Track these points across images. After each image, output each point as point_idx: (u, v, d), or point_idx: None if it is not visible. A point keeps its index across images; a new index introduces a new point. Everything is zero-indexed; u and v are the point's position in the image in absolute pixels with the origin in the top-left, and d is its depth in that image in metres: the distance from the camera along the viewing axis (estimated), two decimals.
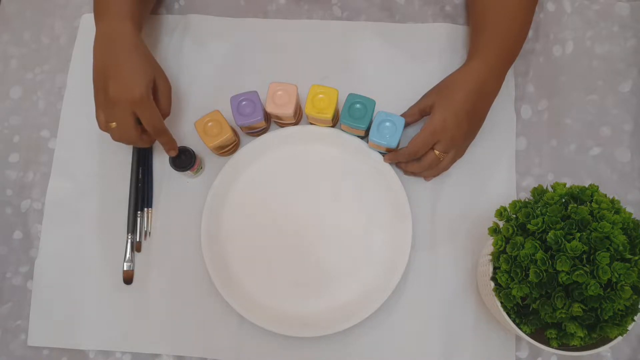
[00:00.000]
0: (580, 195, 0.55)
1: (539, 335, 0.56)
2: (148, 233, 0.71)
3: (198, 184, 0.72)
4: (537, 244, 0.52)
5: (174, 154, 0.69)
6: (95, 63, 0.63)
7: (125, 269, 0.70)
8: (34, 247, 0.72)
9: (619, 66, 0.74)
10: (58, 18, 0.80)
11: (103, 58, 0.63)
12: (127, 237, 0.70)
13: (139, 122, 0.64)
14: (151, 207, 0.72)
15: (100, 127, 0.64)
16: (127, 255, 0.70)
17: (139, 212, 0.71)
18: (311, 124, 0.72)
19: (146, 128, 0.64)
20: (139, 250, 0.71)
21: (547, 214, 0.53)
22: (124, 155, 0.73)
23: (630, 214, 0.54)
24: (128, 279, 0.70)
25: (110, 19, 0.64)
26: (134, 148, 0.73)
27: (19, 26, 0.80)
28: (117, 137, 0.64)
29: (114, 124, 0.63)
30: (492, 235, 0.57)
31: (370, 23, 0.76)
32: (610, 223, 0.51)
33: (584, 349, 0.56)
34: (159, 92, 0.66)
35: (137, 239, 0.71)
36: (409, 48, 0.75)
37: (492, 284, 0.57)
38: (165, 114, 0.67)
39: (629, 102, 0.73)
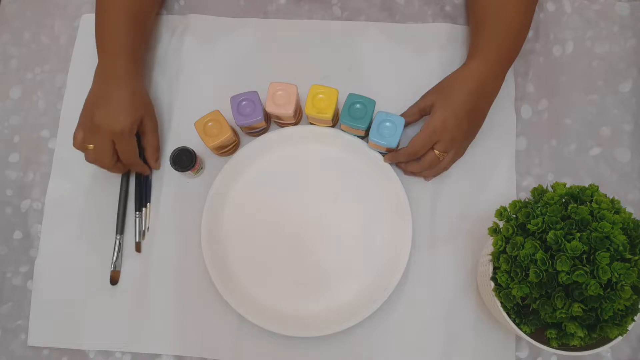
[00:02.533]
0: (580, 195, 0.55)
1: (539, 335, 0.56)
2: (147, 229, 0.71)
3: (198, 184, 0.72)
4: (537, 244, 0.52)
5: (147, 172, 0.72)
6: (92, 88, 0.67)
7: (112, 269, 0.70)
8: (34, 247, 0.72)
9: (619, 66, 0.74)
10: (58, 18, 0.80)
11: (99, 87, 0.67)
12: (116, 238, 0.71)
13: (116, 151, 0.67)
14: (149, 201, 0.72)
15: (75, 144, 0.67)
16: (115, 256, 0.70)
17: (137, 213, 0.71)
18: (311, 124, 0.72)
19: (121, 158, 0.68)
20: (139, 250, 0.71)
21: (547, 214, 0.53)
22: None
23: (630, 214, 0.54)
24: (114, 279, 0.70)
25: (111, 55, 0.67)
26: None
27: (19, 26, 0.80)
28: (92, 159, 0.67)
29: (91, 146, 0.66)
30: (492, 235, 0.57)
31: (370, 23, 0.77)
32: (610, 223, 0.51)
33: (584, 349, 0.56)
34: (147, 131, 0.69)
35: (137, 239, 0.71)
36: (409, 48, 0.75)
37: (492, 284, 0.57)
38: (155, 148, 0.71)
39: (629, 102, 0.73)
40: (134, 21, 0.69)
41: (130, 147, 0.67)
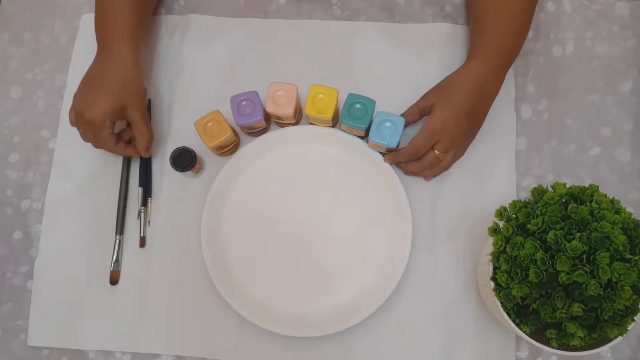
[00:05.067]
0: (580, 195, 0.55)
1: (539, 335, 0.56)
2: (148, 222, 0.71)
3: (198, 184, 0.72)
4: (537, 244, 0.52)
5: (146, 154, 0.70)
6: (87, 70, 0.67)
7: (111, 269, 0.70)
8: (34, 247, 0.72)
9: (619, 66, 0.74)
10: (58, 18, 0.80)
11: (91, 70, 0.67)
12: (116, 238, 0.71)
13: None
14: (150, 196, 0.72)
15: (70, 122, 0.67)
16: (114, 256, 0.70)
17: (142, 207, 0.71)
18: (311, 124, 0.72)
19: (96, 145, 0.68)
20: (143, 245, 0.71)
21: (547, 214, 0.53)
22: None
23: (630, 214, 0.54)
24: (114, 279, 0.70)
25: (107, 41, 0.67)
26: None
27: (19, 26, 0.80)
28: (83, 139, 0.68)
29: (81, 129, 0.67)
30: (492, 235, 0.57)
31: (370, 23, 0.77)
32: (610, 223, 0.51)
33: (584, 349, 0.56)
34: (133, 121, 0.67)
35: (142, 234, 0.71)
36: (409, 48, 0.75)
37: (492, 284, 0.57)
38: (144, 138, 0.68)
39: (629, 102, 0.73)
40: (134, 8, 0.68)
41: (102, 137, 0.66)
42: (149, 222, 0.71)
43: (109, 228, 0.71)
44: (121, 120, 0.67)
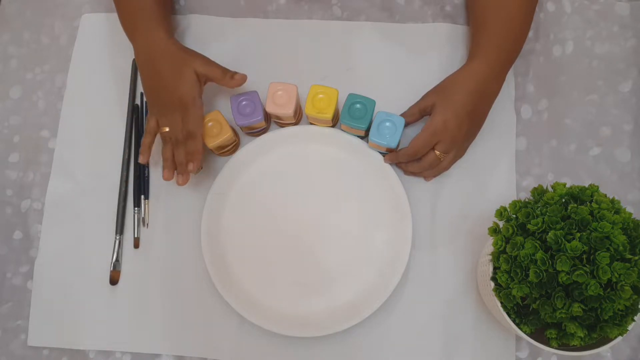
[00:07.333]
0: (580, 195, 0.55)
1: (539, 335, 0.56)
2: (146, 224, 0.71)
3: (198, 184, 0.72)
4: (537, 244, 0.52)
5: (192, 168, 0.66)
6: (143, 79, 0.67)
7: (111, 269, 0.70)
8: (34, 247, 0.72)
9: (619, 66, 0.74)
10: (58, 18, 0.80)
11: (148, 70, 0.66)
12: (115, 238, 0.71)
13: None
14: (147, 198, 0.72)
15: (147, 130, 0.67)
16: (114, 256, 0.70)
17: (135, 209, 0.72)
18: (311, 124, 0.72)
19: (183, 129, 0.65)
20: (137, 246, 0.71)
21: (547, 214, 0.53)
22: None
23: (630, 214, 0.54)
24: (114, 279, 0.70)
25: (143, 34, 0.67)
26: (124, 148, 0.73)
27: (19, 26, 0.80)
28: (167, 138, 0.66)
29: (166, 128, 0.66)
30: (492, 235, 0.57)
31: (370, 23, 0.76)
32: (610, 223, 0.51)
33: (584, 349, 0.56)
34: (208, 70, 0.66)
35: (135, 235, 0.71)
36: (409, 48, 0.75)
37: (492, 284, 0.57)
38: (224, 70, 0.67)
39: (629, 102, 0.73)
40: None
41: (196, 114, 0.65)
42: (147, 224, 0.71)
43: (109, 228, 0.71)
44: (203, 85, 0.67)
